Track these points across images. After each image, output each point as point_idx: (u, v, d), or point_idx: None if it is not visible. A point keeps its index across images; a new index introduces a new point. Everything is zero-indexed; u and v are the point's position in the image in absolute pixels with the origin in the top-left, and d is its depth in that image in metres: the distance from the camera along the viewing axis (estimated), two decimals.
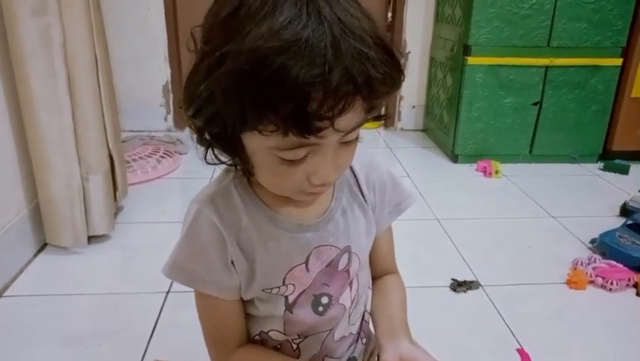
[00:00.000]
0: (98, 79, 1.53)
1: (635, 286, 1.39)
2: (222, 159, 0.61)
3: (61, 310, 1.28)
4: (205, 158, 0.60)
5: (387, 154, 2.54)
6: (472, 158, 2.37)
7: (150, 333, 1.19)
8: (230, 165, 0.63)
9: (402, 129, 2.93)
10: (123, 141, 2.25)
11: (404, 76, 0.55)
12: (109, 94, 1.60)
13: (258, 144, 0.54)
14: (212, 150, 0.60)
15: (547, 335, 1.22)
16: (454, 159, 2.42)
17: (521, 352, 1.15)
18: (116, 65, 1.74)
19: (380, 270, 0.77)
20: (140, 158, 2.17)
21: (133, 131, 2.58)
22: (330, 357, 0.74)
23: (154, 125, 2.68)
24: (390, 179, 0.75)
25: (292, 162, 0.53)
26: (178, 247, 0.64)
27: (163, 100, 2.68)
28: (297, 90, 0.46)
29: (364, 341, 0.81)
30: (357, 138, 0.57)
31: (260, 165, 0.57)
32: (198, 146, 0.61)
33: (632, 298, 1.37)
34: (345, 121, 0.50)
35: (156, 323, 1.23)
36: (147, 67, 2.62)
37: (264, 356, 0.67)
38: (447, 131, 2.49)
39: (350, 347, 0.77)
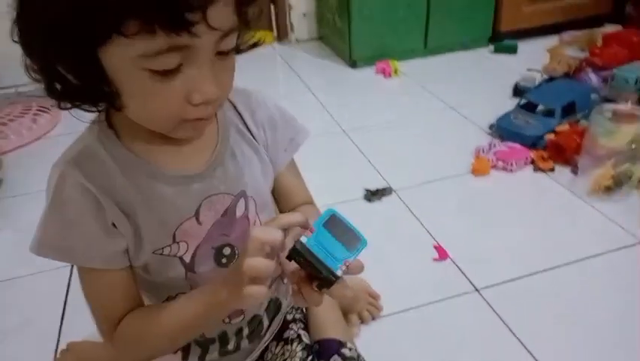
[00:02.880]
0: None
1: (532, 162, 1.47)
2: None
3: None
4: (57, 97, 0.52)
5: (284, 69, 2.43)
6: (370, 60, 2.33)
7: (61, 314, 1.10)
8: (87, 106, 0.54)
9: (297, 41, 2.80)
10: None
11: None
12: None
13: (121, 58, 0.45)
14: (67, 94, 0.51)
15: (459, 226, 1.28)
16: (353, 64, 2.37)
17: (438, 248, 1.19)
18: None
19: (292, 204, 0.73)
20: (10, 120, 1.92)
21: None
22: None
23: (17, 78, 2.35)
24: (279, 114, 0.69)
25: (165, 75, 0.46)
26: (46, 221, 0.56)
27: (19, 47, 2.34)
28: None
29: (285, 280, 0.79)
30: (232, 53, 0.51)
31: (128, 90, 0.49)
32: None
33: (531, 174, 1.46)
34: (217, 16, 0.45)
35: (65, 301, 1.14)
36: None
37: (148, 311, 0.62)
38: (342, 37, 2.41)
39: (269, 288, 0.74)
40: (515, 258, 1.15)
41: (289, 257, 0.49)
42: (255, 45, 0.57)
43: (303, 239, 0.48)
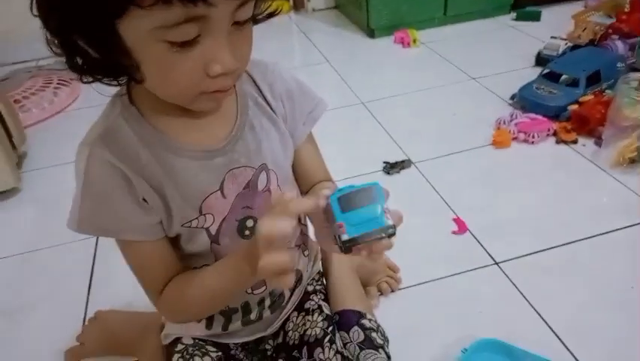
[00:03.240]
0: None
1: (555, 134, 1.45)
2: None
3: None
4: (79, 71, 0.53)
5: (301, 40, 2.40)
6: (388, 30, 2.29)
7: (87, 285, 1.14)
8: (108, 80, 0.55)
9: (313, 10, 2.76)
10: (5, 79, 2.00)
11: None
12: None
13: (139, 30, 0.46)
14: (88, 68, 0.52)
15: (479, 198, 1.27)
16: (371, 33, 2.33)
17: (457, 220, 1.19)
18: None
19: (310, 182, 0.73)
20: (31, 94, 1.94)
21: (16, 63, 2.28)
22: None
23: (38, 52, 2.36)
24: (297, 86, 0.69)
25: (183, 47, 0.47)
26: (80, 199, 0.58)
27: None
28: None
29: (306, 253, 0.80)
30: (250, 23, 0.51)
31: (147, 62, 0.49)
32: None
33: (553, 146, 1.43)
34: None
35: (92, 272, 1.17)
36: None
37: (190, 276, 0.64)
38: (359, 5, 2.36)
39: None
40: (536, 231, 1.15)
41: (345, 249, 0.49)
42: (271, 15, 0.57)
43: (344, 236, 0.49)
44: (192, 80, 0.50)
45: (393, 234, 0.50)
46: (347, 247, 0.49)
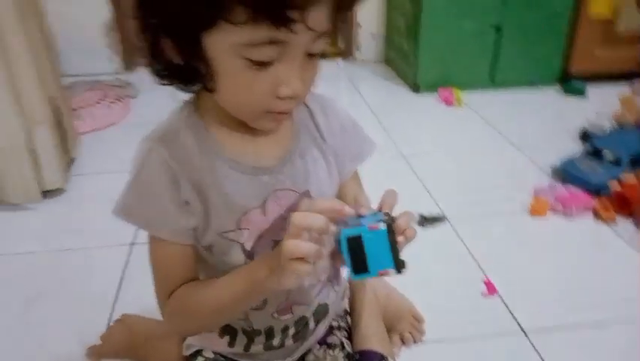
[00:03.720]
0: (26, 20, 1.38)
1: (594, 211, 1.44)
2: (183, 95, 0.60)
3: (18, 270, 1.23)
4: (159, 75, 0.57)
5: (347, 87, 2.47)
6: (434, 87, 2.34)
7: (117, 288, 1.16)
8: (183, 86, 0.59)
9: (362, 60, 2.84)
10: (67, 88, 2.11)
11: None
12: (42, 37, 1.46)
13: (223, 44, 0.50)
14: (168, 72, 0.56)
15: (512, 264, 1.26)
16: (416, 89, 2.38)
17: (487, 283, 1.18)
18: (47, 2, 1.57)
19: None
20: (87, 105, 2.04)
21: (78, 75, 2.41)
22: (299, 305, 0.73)
23: (99, 67, 2.49)
24: (351, 124, 0.72)
25: (259, 66, 0.50)
26: (129, 188, 0.61)
27: (105, 40, 2.48)
28: None
29: (337, 288, 0.81)
30: (319, 56, 0.55)
31: (223, 75, 0.53)
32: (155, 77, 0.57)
33: (591, 222, 1.42)
34: (316, 19, 0.48)
35: (122, 277, 1.20)
36: (84, 3, 2.39)
37: (201, 283, 0.65)
38: (407, 61, 2.43)
39: (320, 293, 0.76)
40: (566, 305, 1.13)
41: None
42: (326, 56, 0.62)
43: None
44: (262, 97, 0.54)
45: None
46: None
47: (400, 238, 0.52)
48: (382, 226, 0.49)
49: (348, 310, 0.89)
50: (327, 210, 0.52)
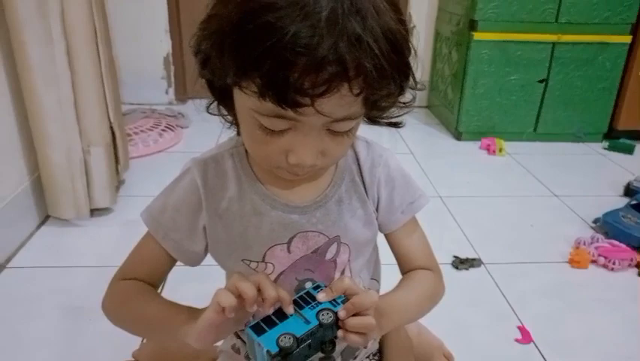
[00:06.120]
0: (97, 50, 1.50)
1: (637, 266, 1.39)
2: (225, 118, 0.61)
3: (63, 283, 1.28)
4: (208, 107, 0.60)
5: (389, 131, 2.50)
6: (476, 135, 2.35)
7: None
8: (227, 121, 0.62)
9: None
10: (124, 114, 2.23)
11: (413, 80, 0.52)
12: (109, 65, 1.58)
13: (242, 102, 0.52)
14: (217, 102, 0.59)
15: (547, 313, 1.23)
16: (458, 136, 2.40)
17: (522, 329, 1.15)
18: (116, 36, 1.72)
19: (409, 267, 0.72)
20: (141, 131, 2.15)
21: (134, 104, 2.55)
22: None
23: (155, 98, 2.64)
24: (401, 176, 0.70)
25: (271, 132, 0.51)
26: (159, 195, 0.65)
27: (164, 72, 2.64)
28: (279, 52, 0.44)
29: None
30: (349, 132, 0.54)
31: (242, 127, 0.56)
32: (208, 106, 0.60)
33: (634, 277, 1.37)
34: (330, 105, 0.47)
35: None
36: (148, 38, 2.57)
37: (149, 291, 0.65)
38: (451, 108, 2.46)
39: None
40: (603, 357, 1.08)
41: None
42: (395, 125, 0.61)
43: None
44: (272, 158, 0.55)
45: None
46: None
47: (339, 333, 0.52)
48: (264, 350, 0.50)
49: (379, 349, 0.88)
50: (275, 298, 0.52)
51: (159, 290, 0.69)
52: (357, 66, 0.45)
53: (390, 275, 0.74)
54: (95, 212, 1.57)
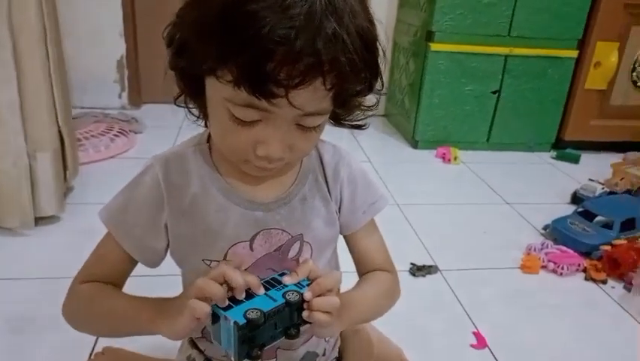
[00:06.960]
0: (47, 51, 1.43)
1: (585, 270, 1.45)
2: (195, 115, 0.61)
3: (7, 295, 1.21)
4: (175, 99, 0.60)
5: (348, 139, 2.52)
6: (432, 144, 2.40)
7: None
8: (193, 115, 0.62)
9: None
10: (74, 118, 2.15)
11: (380, 81, 0.55)
12: (58, 67, 1.51)
13: (214, 92, 0.52)
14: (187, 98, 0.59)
15: (501, 318, 1.25)
16: (415, 144, 2.44)
17: (477, 335, 1.17)
18: (68, 37, 1.65)
19: (366, 268, 0.73)
20: (92, 136, 2.07)
21: (85, 108, 2.46)
22: (284, 350, 0.71)
23: (108, 102, 2.56)
24: (362, 177, 0.72)
25: (241, 123, 0.52)
26: (118, 194, 0.64)
27: (117, 76, 2.56)
28: (258, 42, 0.45)
29: (328, 338, 0.80)
30: (318, 128, 0.56)
31: (212, 115, 0.56)
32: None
33: (581, 282, 1.43)
34: (302, 98, 0.49)
35: None
36: (101, 41, 2.49)
37: (111, 289, 0.65)
38: (408, 117, 2.50)
39: (307, 341, 0.75)
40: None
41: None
42: (358, 127, 0.63)
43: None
44: (240, 149, 0.55)
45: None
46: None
47: (305, 313, 0.54)
48: (232, 322, 0.50)
49: (338, 356, 0.87)
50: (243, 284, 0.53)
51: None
52: (332, 60, 0.47)
53: (349, 283, 0.74)
54: (40, 220, 1.49)
